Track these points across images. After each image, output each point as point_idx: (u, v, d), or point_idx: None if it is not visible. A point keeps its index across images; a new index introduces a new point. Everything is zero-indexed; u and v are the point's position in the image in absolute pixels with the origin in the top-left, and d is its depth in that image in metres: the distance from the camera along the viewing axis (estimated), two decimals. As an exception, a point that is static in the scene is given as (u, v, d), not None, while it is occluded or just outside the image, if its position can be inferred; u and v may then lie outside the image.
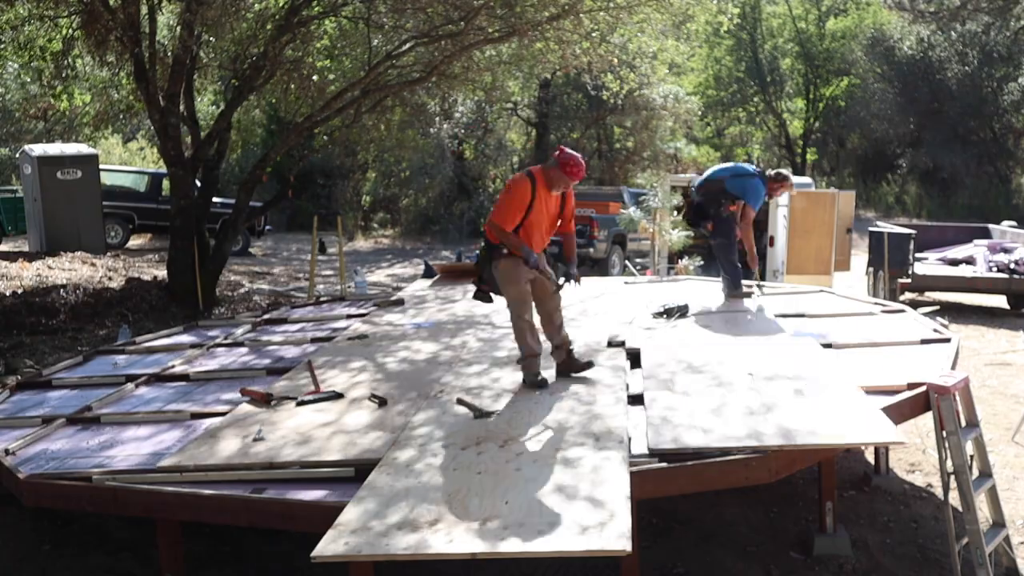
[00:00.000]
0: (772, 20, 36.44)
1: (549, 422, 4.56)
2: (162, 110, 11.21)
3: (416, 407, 4.96)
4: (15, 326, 10.11)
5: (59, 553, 4.88)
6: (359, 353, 6.38)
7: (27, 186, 17.41)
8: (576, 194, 5.80)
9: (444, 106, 16.82)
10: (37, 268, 13.89)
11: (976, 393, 7.98)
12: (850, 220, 12.85)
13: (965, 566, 4.49)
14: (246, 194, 12.21)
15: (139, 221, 19.21)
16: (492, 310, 7.68)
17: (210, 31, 10.97)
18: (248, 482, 4.12)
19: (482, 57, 12.54)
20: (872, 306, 7.62)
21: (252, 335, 7.59)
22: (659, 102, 24.86)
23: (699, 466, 3.97)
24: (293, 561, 4.86)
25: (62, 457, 4.60)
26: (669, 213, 11.96)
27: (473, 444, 4.30)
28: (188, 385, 5.96)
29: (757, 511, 5.48)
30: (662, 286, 9.08)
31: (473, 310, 7.75)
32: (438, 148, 24.13)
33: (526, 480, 3.82)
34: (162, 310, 11.31)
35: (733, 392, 4.82)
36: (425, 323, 7.29)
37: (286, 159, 17.20)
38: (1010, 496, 5.70)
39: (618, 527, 3.33)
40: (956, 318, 11.80)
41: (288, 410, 5.06)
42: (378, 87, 11.86)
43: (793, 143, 36.57)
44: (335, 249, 14.64)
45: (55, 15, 11.37)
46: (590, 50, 12.00)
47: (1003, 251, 13.20)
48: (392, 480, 3.91)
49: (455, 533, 3.36)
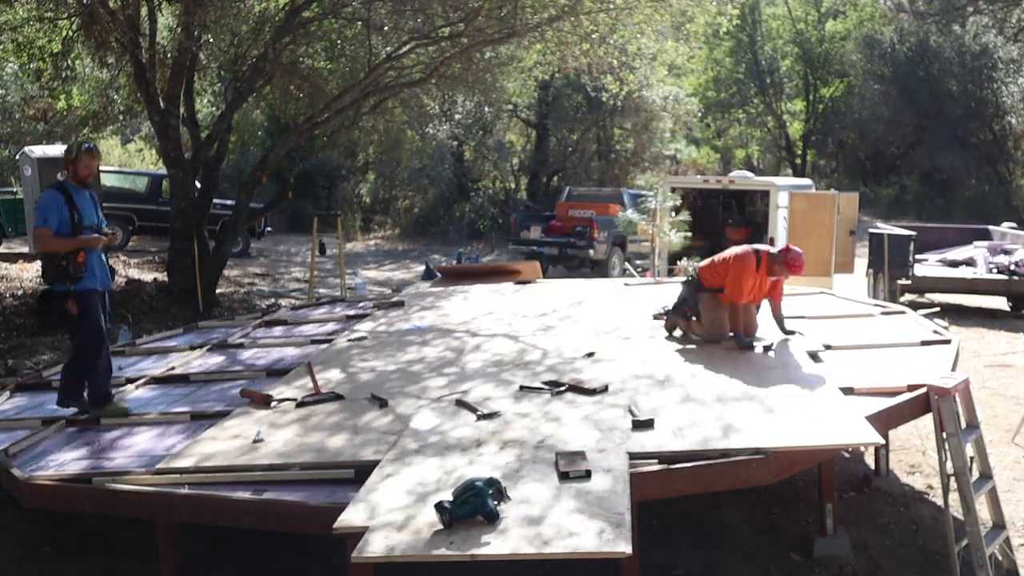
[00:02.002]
0: (771, 22, 36.44)
1: (548, 425, 4.56)
2: (162, 111, 11.22)
3: (416, 408, 4.96)
4: (15, 327, 10.11)
5: (59, 554, 4.88)
6: (359, 354, 6.38)
7: (27, 188, 17.37)
8: (576, 195, 5.86)
9: (444, 107, 16.82)
10: (37, 269, 13.88)
11: (976, 395, 7.97)
12: (853, 222, 12.83)
13: (965, 568, 4.49)
14: (246, 195, 12.21)
15: (139, 222, 19.18)
16: (492, 311, 7.70)
17: (210, 32, 10.97)
18: (248, 483, 4.12)
19: (482, 58, 12.55)
20: (872, 308, 7.62)
21: (252, 336, 7.59)
22: (659, 104, 24.86)
23: (699, 467, 3.98)
24: (293, 562, 4.86)
25: (62, 458, 4.59)
26: (668, 215, 11.96)
27: (473, 446, 4.30)
28: (188, 386, 5.96)
29: (757, 512, 5.48)
30: (657, 288, 9.05)
31: (473, 313, 7.74)
32: (438, 149, 24.12)
33: (526, 482, 3.82)
34: (162, 311, 11.31)
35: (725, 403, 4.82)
36: (422, 326, 7.28)
37: (286, 160, 17.20)
38: (1010, 498, 5.70)
39: (618, 528, 3.33)
40: (956, 320, 11.80)
41: (288, 411, 5.06)
42: (378, 88, 11.86)
43: (793, 144, 36.57)
44: (335, 250, 14.65)
45: (55, 16, 11.37)
46: (590, 51, 12.00)
47: (1003, 253, 13.18)
48: (392, 482, 3.90)
49: (455, 534, 3.36)
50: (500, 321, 7.28)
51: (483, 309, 7.83)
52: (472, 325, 7.22)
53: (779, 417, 4.49)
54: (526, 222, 16.67)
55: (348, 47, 12.57)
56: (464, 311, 7.88)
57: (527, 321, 7.23)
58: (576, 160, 26.57)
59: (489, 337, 6.71)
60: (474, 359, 6.06)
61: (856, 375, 5.17)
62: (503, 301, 8.27)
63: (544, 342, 6.39)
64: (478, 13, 10.55)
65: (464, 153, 26.43)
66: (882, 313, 7.28)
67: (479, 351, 6.31)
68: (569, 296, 8.39)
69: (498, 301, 8.26)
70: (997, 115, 28.37)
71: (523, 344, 6.37)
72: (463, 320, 7.49)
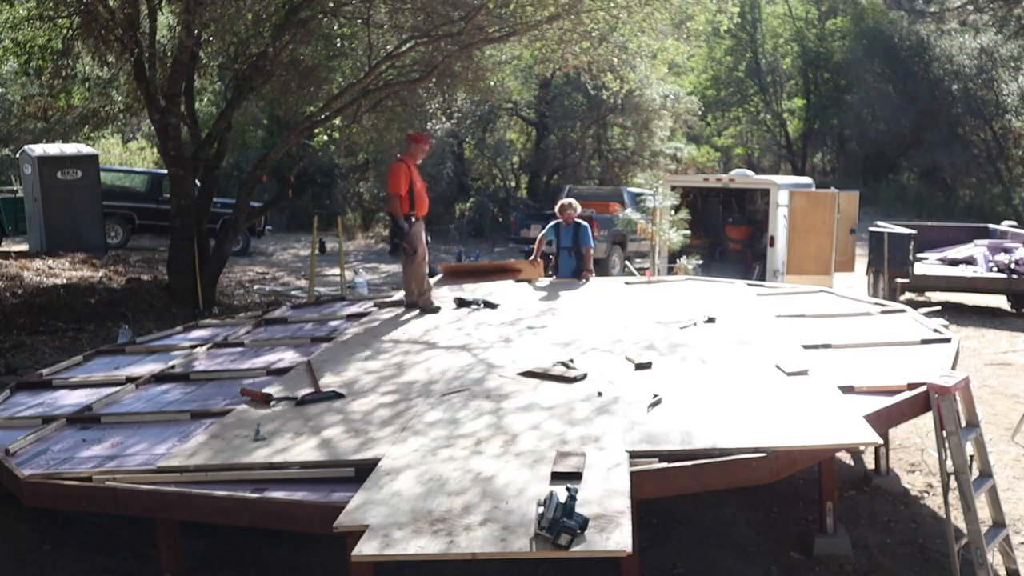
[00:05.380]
0: (772, 20, 36.43)
1: (550, 424, 4.56)
2: (162, 110, 11.21)
3: (416, 407, 4.96)
4: (15, 326, 10.11)
5: (59, 553, 4.88)
6: (359, 353, 6.38)
7: (27, 186, 17.40)
8: (576, 195, 5.84)
9: (444, 106, 16.83)
10: (37, 268, 13.89)
11: (976, 393, 7.98)
12: (853, 221, 12.83)
13: (965, 566, 4.49)
14: (246, 194, 12.21)
15: (139, 221, 19.19)
16: (487, 312, 7.68)
17: (211, 32, 10.96)
18: (248, 482, 4.13)
19: (482, 56, 12.53)
20: (872, 306, 7.61)
21: (252, 335, 7.59)
22: (659, 102, 24.85)
23: (699, 466, 3.97)
24: (293, 561, 4.86)
25: (62, 457, 4.60)
26: (668, 213, 11.96)
27: (473, 444, 4.30)
28: (188, 385, 5.96)
29: (757, 511, 5.48)
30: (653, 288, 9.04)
31: (474, 311, 7.74)
32: (438, 148, 24.10)
33: (526, 481, 3.82)
34: (162, 310, 11.31)
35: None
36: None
37: (286, 159, 17.19)
38: (1010, 496, 5.70)
39: (618, 528, 3.33)
40: (956, 318, 11.81)
41: (288, 410, 5.06)
42: (378, 87, 11.86)
43: (793, 143, 36.57)
44: (335, 246, 14.65)
45: (55, 15, 11.37)
46: (590, 49, 11.99)
47: (1003, 251, 13.19)
48: (392, 481, 3.91)
49: (455, 534, 3.37)
50: (502, 319, 7.27)
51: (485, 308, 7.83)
52: (472, 324, 7.21)
53: (779, 416, 4.48)
54: (526, 220, 16.67)
55: (348, 45, 12.56)
56: (464, 310, 7.86)
57: (528, 318, 7.22)
58: (576, 158, 26.56)
59: (489, 337, 6.69)
60: (475, 358, 6.06)
61: (856, 374, 5.17)
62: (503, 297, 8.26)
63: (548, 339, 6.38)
64: (478, 11, 10.55)
65: (464, 152, 26.43)
66: (882, 312, 7.28)
67: (480, 350, 6.29)
68: (571, 295, 8.39)
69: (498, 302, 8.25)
70: (997, 114, 28.36)
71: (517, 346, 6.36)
72: (463, 319, 7.47)
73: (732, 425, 4.36)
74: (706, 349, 5.91)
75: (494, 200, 25.51)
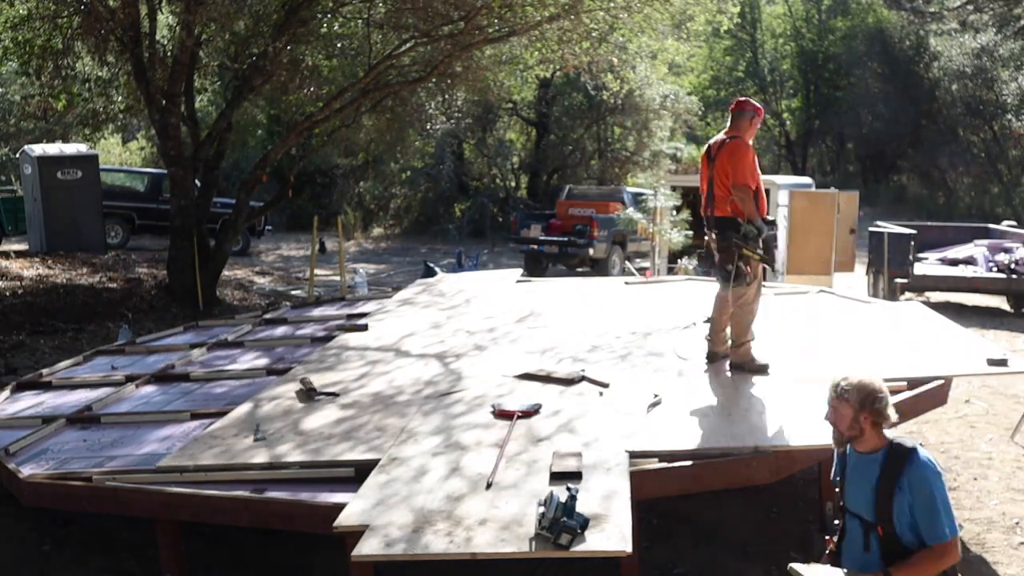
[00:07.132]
0: (772, 20, 36.43)
1: (548, 425, 4.56)
2: (162, 110, 11.21)
3: (416, 408, 4.96)
4: (15, 326, 10.11)
5: (59, 553, 4.88)
6: (358, 353, 6.38)
7: (27, 186, 17.38)
8: (576, 194, 5.83)
9: (444, 106, 16.82)
10: (37, 268, 13.88)
11: (976, 393, 8.01)
12: (853, 221, 12.82)
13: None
14: (246, 194, 12.21)
15: (139, 221, 19.18)
16: (486, 312, 7.68)
17: (211, 31, 10.96)
18: (248, 482, 4.13)
19: (482, 56, 12.53)
20: (872, 305, 7.60)
21: (252, 335, 7.59)
22: (659, 102, 24.84)
23: (699, 466, 3.98)
24: (293, 561, 4.86)
25: (62, 457, 4.60)
26: (669, 213, 11.95)
27: (473, 445, 4.30)
28: (188, 385, 5.96)
29: (757, 511, 5.48)
30: (651, 288, 9.05)
31: (472, 311, 7.74)
32: (438, 148, 24.12)
33: (526, 481, 3.82)
34: (162, 310, 11.31)
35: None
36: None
37: (286, 159, 17.18)
38: (1011, 496, 5.70)
39: (618, 528, 3.33)
40: (956, 318, 11.78)
41: (288, 410, 5.06)
42: (378, 87, 11.85)
43: (793, 143, 36.56)
44: (335, 247, 14.65)
45: (55, 14, 11.37)
46: (590, 50, 11.99)
47: (1003, 251, 13.19)
48: (392, 481, 3.91)
49: (455, 533, 3.37)
50: (500, 319, 7.27)
51: (482, 308, 7.83)
52: (471, 324, 7.21)
53: (779, 416, 4.49)
54: (526, 221, 16.66)
55: (348, 45, 12.56)
56: (463, 310, 7.87)
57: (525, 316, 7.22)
58: (576, 158, 26.56)
59: (489, 336, 6.70)
60: (475, 359, 6.06)
61: (855, 372, 5.15)
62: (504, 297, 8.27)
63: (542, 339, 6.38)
64: (478, 11, 10.55)
65: (464, 152, 26.43)
66: (881, 311, 7.28)
67: (479, 350, 6.30)
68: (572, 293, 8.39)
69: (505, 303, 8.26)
70: (997, 114, 28.36)
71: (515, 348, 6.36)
72: (462, 319, 7.48)
73: (732, 425, 4.36)
74: (705, 349, 5.89)
75: (494, 200, 25.50)
